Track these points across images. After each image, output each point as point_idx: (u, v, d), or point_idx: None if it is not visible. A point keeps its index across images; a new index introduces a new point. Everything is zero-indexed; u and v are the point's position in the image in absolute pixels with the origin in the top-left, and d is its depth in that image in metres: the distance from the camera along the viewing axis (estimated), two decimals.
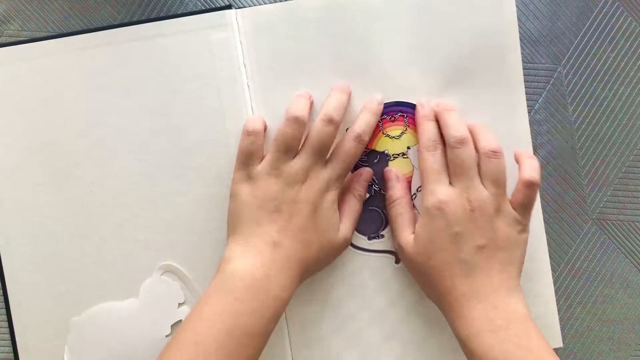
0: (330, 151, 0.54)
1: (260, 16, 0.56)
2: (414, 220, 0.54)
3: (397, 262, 0.57)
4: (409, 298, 0.57)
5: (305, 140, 0.53)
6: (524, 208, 0.52)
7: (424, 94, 0.56)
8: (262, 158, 0.53)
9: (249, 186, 0.52)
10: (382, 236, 0.57)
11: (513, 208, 0.52)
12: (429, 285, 0.52)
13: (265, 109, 0.57)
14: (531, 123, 0.58)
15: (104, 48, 0.57)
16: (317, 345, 0.57)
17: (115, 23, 0.58)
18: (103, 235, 0.57)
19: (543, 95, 0.59)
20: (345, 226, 0.54)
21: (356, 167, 0.57)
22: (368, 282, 0.57)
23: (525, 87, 0.57)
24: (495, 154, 0.52)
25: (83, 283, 0.57)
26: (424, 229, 0.52)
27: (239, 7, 0.58)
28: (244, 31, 0.57)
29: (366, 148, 0.57)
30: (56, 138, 0.57)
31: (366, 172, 0.57)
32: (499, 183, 0.51)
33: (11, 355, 0.58)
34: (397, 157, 0.57)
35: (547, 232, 0.57)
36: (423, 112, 0.55)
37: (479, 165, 0.52)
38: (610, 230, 0.60)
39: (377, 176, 0.57)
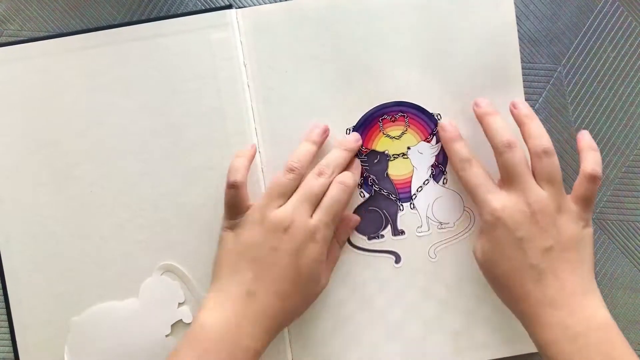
0: None
1: (261, 16, 0.56)
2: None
3: (397, 262, 0.57)
4: (408, 298, 0.57)
5: (295, 190, 0.53)
6: (586, 202, 0.50)
7: (424, 94, 0.57)
8: (247, 207, 0.53)
9: (234, 234, 0.52)
10: (382, 236, 0.57)
11: (574, 203, 0.50)
12: (502, 293, 0.51)
13: (265, 108, 0.57)
14: None
15: (104, 48, 0.57)
16: (317, 345, 0.57)
17: (115, 23, 0.58)
18: (103, 235, 0.57)
19: (543, 95, 0.59)
20: (325, 275, 0.54)
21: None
22: (368, 282, 0.57)
23: (525, 87, 0.57)
24: (548, 153, 0.50)
25: (83, 283, 0.57)
26: (487, 241, 0.50)
27: (239, 7, 0.58)
28: (244, 31, 0.57)
29: (366, 148, 0.57)
30: (56, 138, 0.57)
31: (353, 219, 0.56)
32: (555, 181, 0.50)
33: (11, 354, 0.58)
34: (397, 157, 0.57)
35: None
36: (447, 135, 0.55)
37: (531, 165, 0.51)
38: (611, 230, 0.60)
39: (377, 176, 0.57)
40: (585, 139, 0.52)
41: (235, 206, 0.52)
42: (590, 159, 0.51)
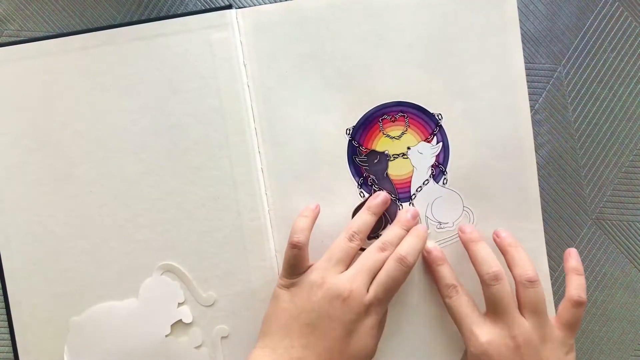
0: None
1: (261, 16, 0.56)
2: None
3: None
4: (409, 298, 0.57)
5: (357, 258, 0.53)
6: (571, 327, 0.52)
7: (425, 94, 0.57)
8: (307, 267, 0.53)
9: (290, 293, 0.52)
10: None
11: (559, 329, 0.52)
12: None
13: (265, 108, 0.57)
14: (531, 123, 0.57)
15: (104, 48, 0.57)
16: None
17: (116, 23, 0.58)
18: (103, 235, 0.57)
19: (543, 95, 0.59)
20: (373, 345, 0.53)
21: (356, 168, 0.57)
22: None
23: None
24: (533, 283, 0.51)
25: (83, 283, 0.57)
26: None
27: (239, 7, 0.58)
28: (244, 31, 0.57)
29: (366, 149, 0.57)
30: (56, 138, 0.57)
31: None
32: (539, 312, 0.51)
33: (11, 355, 0.58)
34: (397, 158, 0.57)
35: (546, 232, 0.57)
36: (431, 258, 0.55)
37: (517, 295, 0.52)
38: (610, 230, 0.60)
39: (377, 176, 0.57)
40: (571, 260, 0.54)
41: (295, 266, 0.52)
42: (575, 284, 0.52)
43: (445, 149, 0.57)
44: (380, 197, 0.56)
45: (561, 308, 0.52)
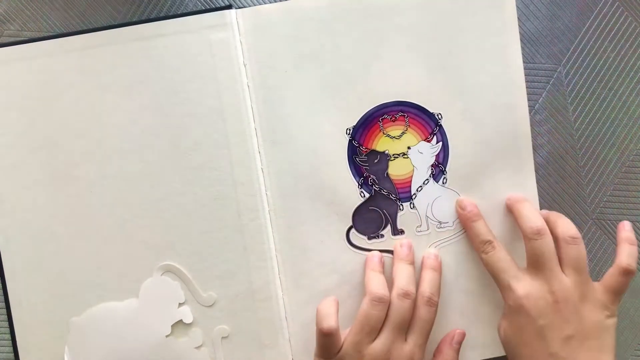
0: None
1: (260, 16, 0.56)
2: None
3: None
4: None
5: (386, 317, 0.52)
6: (615, 294, 0.51)
7: (425, 94, 0.56)
8: (341, 345, 0.52)
9: None
10: (382, 236, 0.57)
11: (602, 292, 0.51)
12: None
13: (265, 108, 0.57)
14: (531, 123, 0.58)
15: (104, 48, 0.57)
16: None
17: (115, 23, 0.58)
18: (103, 235, 0.57)
19: (543, 96, 0.59)
20: None
21: (356, 168, 0.57)
22: None
23: (525, 87, 0.57)
24: (575, 240, 0.51)
25: (83, 283, 0.57)
26: (510, 324, 0.51)
27: (239, 7, 0.58)
28: (244, 31, 0.57)
29: (366, 148, 0.57)
30: (56, 138, 0.57)
31: (459, 336, 0.56)
32: (580, 269, 0.51)
33: (11, 355, 0.58)
34: (397, 157, 0.57)
35: None
36: (467, 215, 0.55)
37: (558, 253, 0.52)
38: (610, 230, 0.60)
39: (377, 176, 0.57)
40: (625, 230, 0.53)
41: (329, 350, 0.51)
42: (627, 253, 0.51)
43: (445, 149, 0.57)
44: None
45: (608, 273, 0.51)
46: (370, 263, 0.56)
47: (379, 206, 0.57)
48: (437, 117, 0.57)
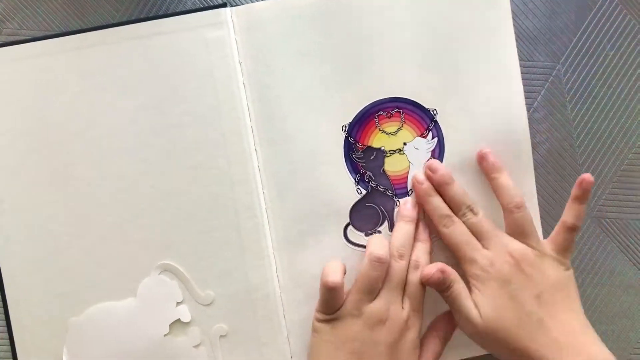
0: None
1: (255, 14, 0.56)
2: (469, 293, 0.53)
3: None
4: None
5: (384, 280, 0.53)
6: (564, 250, 0.53)
7: (420, 90, 0.57)
8: (343, 302, 0.53)
9: (330, 326, 0.52)
10: (380, 232, 0.57)
11: (552, 249, 0.53)
12: (505, 349, 0.51)
13: (261, 107, 0.57)
14: (530, 121, 0.58)
15: (101, 47, 0.57)
16: None
17: (113, 22, 0.58)
18: (101, 235, 0.57)
19: (542, 94, 0.59)
20: None
21: (353, 164, 0.57)
22: None
23: (524, 86, 0.57)
24: (520, 208, 0.53)
25: (81, 283, 0.57)
26: (482, 298, 0.52)
27: (234, 5, 0.58)
28: (239, 29, 0.57)
29: (362, 145, 0.57)
30: (55, 138, 0.57)
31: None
32: (529, 233, 0.53)
33: (10, 354, 0.58)
34: (393, 154, 0.57)
35: (545, 231, 0.57)
36: (423, 190, 0.56)
37: (505, 219, 0.54)
38: (609, 228, 0.59)
39: (373, 173, 0.57)
40: (577, 189, 0.53)
41: (331, 305, 0.52)
42: (574, 212, 0.53)
43: (441, 145, 0.57)
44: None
45: (555, 232, 0.53)
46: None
47: (375, 202, 0.57)
48: (432, 112, 0.57)
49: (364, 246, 0.57)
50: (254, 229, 0.57)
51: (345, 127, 0.57)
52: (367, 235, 0.57)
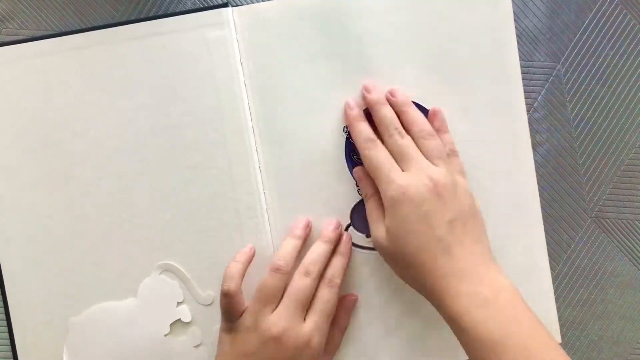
0: None
1: (257, 14, 0.56)
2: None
3: None
4: (407, 295, 0.57)
5: (285, 292, 0.53)
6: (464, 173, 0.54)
7: (421, 91, 0.56)
8: (242, 312, 0.53)
9: (230, 337, 0.53)
10: None
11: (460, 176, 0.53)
12: (410, 273, 0.51)
13: (262, 107, 0.57)
14: (530, 121, 0.58)
15: (102, 47, 0.57)
16: None
17: (113, 22, 0.58)
18: (101, 235, 0.57)
19: (542, 94, 0.59)
20: None
21: (353, 165, 0.57)
22: (367, 279, 0.57)
23: (524, 85, 0.57)
24: (432, 136, 0.53)
25: (82, 283, 0.57)
26: (393, 217, 0.50)
27: (236, 5, 0.58)
28: (240, 29, 0.57)
29: None
30: (55, 138, 0.57)
31: (350, 301, 0.57)
32: (443, 158, 0.52)
33: (10, 355, 0.58)
34: None
35: (546, 230, 0.57)
36: (352, 115, 0.55)
37: (420, 148, 0.53)
38: (609, 228, 0.59)
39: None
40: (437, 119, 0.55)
41: (229, 312, 0.53)
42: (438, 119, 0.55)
43: None
44: (303, 221, 0.56)
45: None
46: (292, 227, 0.56)
47: None
48: None
49: (365, 247, 0.57)
50: (255, 229, 0.57)
51: (347, 128, 0.57)
52: (368, 236, 0.57)
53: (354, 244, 0.57)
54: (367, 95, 0.55)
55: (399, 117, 0.54)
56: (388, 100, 0.55)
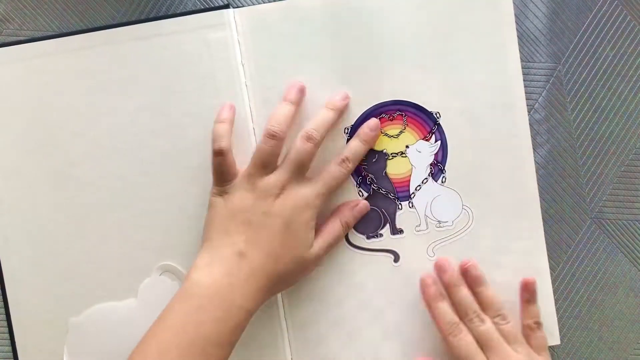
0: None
1: (258, 15, 0.56)
2: None
3: (395, 261, 0.57)
4: (407, 297, 0.57)
5: (285, 156, 0.53)
6: (542, 348, 0.55)
7: (423, 93, 0.57)
8: (236, 174, 0.53)
9: (223, 199, 0.53)
10: (381, 235, 0.57)
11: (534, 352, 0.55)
12: None
13: (264, 108, 0.57)
14: (531, 122, 0.58)
15: (103, 48, 0.57)
16: (316, 344, 0.57)
17: (114, 23, 0.58)
18: (102, 235, 0.57)
19: (543, 95, 0.59)
20: (319, 244, 0.54)
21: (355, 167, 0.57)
22: (367, 281, 0.57)
23: (525, 86, 0.57)
24: (507, 321, 0.54)
25: (82, 283, 0.57)
26: None
27: (237, 7, 0.58)
28: (241, 30, 0.57)
29: None
30: (55, 138, 0.57)
31: (363, 205, 0.57)
32: (521, 341, 0.54)
33: (10, 355, 0.58)
34: (395, 156, 0.57)
35: (546, 231, 0.57)
36: (431, 294, 0.55)
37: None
38: (609, 229, 0.59)
39: (375, 175, 0.57)
40: (527, 290, 0.56)
41: (223, 173, 0.53)
42: (532, 313, 0.56)
43: (444, 147, 0.57)
44: (297, 85, 0.56)
45: (524, 336, 0.55)
46: (286, 92, 0.56)
47: (377, 205, 0.57)
48: (435, 115, 0.57)
49: (366, 249, 0.57)
50: None
51: (348, 129, 0.57)
52: (368, 238, 0.57)
53: (354, 245, 0.57)
54: (443, 277, 0.56)
55: (475, 297, 0.55)
56: (462, 274, 0.56)
